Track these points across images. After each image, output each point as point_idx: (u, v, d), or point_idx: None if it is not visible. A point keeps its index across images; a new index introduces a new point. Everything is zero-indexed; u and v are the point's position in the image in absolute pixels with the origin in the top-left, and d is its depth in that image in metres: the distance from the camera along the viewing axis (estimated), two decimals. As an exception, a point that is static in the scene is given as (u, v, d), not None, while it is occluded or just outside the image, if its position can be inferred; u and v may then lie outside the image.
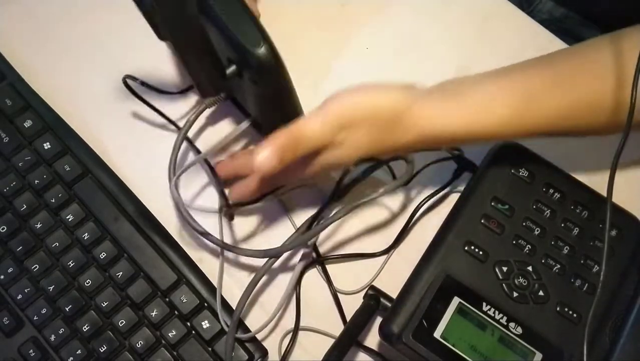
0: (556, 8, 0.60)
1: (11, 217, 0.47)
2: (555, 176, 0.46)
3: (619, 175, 0.40)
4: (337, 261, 0.48)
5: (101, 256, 0.46)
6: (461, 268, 0.42)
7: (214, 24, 0.41)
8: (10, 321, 0.45)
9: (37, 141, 0.49)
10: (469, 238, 0.43)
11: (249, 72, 0.41)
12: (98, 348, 0.44)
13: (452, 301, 0.41)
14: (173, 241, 0.47)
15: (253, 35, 0.40)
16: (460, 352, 0.40)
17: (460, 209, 0.45)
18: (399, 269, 0.45)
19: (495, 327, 0.41)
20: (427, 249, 0.44)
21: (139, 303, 0.45)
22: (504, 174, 0.45)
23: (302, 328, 0.46)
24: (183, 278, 0.46)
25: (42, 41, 0.55)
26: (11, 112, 0.50)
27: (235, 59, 0.42)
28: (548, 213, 0.44)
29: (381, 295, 0.44)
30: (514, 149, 0.47)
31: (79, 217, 0.47)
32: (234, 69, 0.42)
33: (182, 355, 0.44)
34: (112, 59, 0.54)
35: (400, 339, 0.40)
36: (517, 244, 0.43)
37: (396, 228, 0.48)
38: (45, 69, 0.53)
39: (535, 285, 0.42)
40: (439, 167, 0.50)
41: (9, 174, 0.48)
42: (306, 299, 0.46)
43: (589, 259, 0.43)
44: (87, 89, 0.53)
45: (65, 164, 0.49)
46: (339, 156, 0.42)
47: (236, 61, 0.42)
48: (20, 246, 0.46)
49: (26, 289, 0.45)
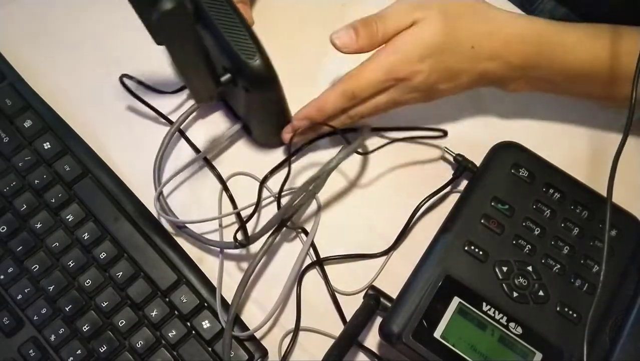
0: (557, 8, 0.60)
1: (11, 217, 0.47)
2: (555, 176, 0.46)
3: (619, 175, 0.40)
4: (337, 261, 0.48)
5: (101, 256, 0.46)
6: (461, 268, 0.42)
7: (210, 33, 0.41)
8: (10, 321, 0.45)
9: (37, 141, 0.49)
10: (469, 238, 0.43)
11: (244, 82, 0.42)
12: (98, 348, 0.44)
13: (452, 301, 0.41)
14: (173, 241, 0.47)
15: (249, 47, 0.41)
16: (460, 352, 0.40)
17: (460, 209, 0.45)
18: (399, 269, 0.45)
19: (495, 327, 0.41)
20: (427, 249, 0.44)
21: (139, 303, 0.45)
22: (504, 174, 0.45)
23: (303, 328, 0.46)
24: (183, 278, 0.46)
25: (42, 41, 0.55)
26: (11, 112, 0.50)
27: (230, 68, 0.42)
28: (548, 213, 0.44)
29: (381, 295, 0.44)
30: (514, 149, 0.47)
31: (79, 217, 0.47)
32: (229, 77, 0.42)
33: (182, 355, 0.44)
34: (112, 59, 0.54)
35: (400, 339, 0.40)
36: (517, 244, 0.43)
37: (396, 228, 0.48)
38: (45, 69, 0.53)
39: (535, 285, 0.42)
40: (439, 167, 0.50)
41: (9, 174, 0.48)
42: (307, 300, 0.46)
43: (589, 259, 0.43)
44: (87, 89, 0.53)
45: (65, 164, 0.49)
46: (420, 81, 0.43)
47: (231, 70, 0.42)
48: (20, 246, 0.46)
49: (26, 289, 0.45)
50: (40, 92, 0.51)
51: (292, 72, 0.54)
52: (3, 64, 0.52)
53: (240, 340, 0.44)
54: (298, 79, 0.49)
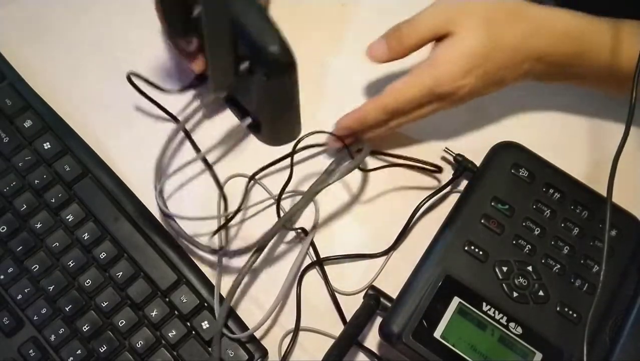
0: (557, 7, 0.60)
1: (11, 217, 0.47)
2: (555, 176, 0.46)
3: (619, 175, 0.40)
4: (337, 261, 0.48)
5: (101, 256, 0.46)
6: (461, 268, 0.42)
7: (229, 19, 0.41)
8: (10, 321, 0.45)
9: (37, 141, 0.49)
10: (469, 238, 0.43)
11: (264, 69, 0.41)
12: (98, 348, 0.44)
13: (452, 301, 0.41)
14: (173, 241, 0.47)
15: (269, 33, 0.40)
16: (460, 352, 0.40)
17: (460, 209, 0.45)
18: (399, 269, 0.45)
19: (495, 327, 0.41)
20: (427, 249, 0.44)
21: (139, 303, 0.45)
22: (504, 174, 0.45)
23: (303, 328, 0.46)
24: (183, 278, 0.46)
25: (43, 41, 0.55)
26: (11, 112, 0.50)
27: (249, 56, 0.42)
28: (548, 213, 0.44)
29: (381, 295, 0.44)
30: (514, 149, 0.47)
31: (79, 217, 0.47)
32: (247, 65, 0.42)
33: (182, 355, 0.44)
34: (112, 59, 0.54)
35: (400, 339, 0.40)
36: (517, 244, 0.43)
37: (396, 228, 0.48)
38: (45, 69, 0.53)
39: (535, 285, 0.42)
40: (439, 167, 0.51)
41: (9, 174, 0.48)
42: (306, 300, 0.46)
43: (589, 259, 0.43)
44: (87, 89, 0.53)
45: (65, 164, 0.49)
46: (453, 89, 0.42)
47: (250, 57, 0.42)
48: (20, 246, 0.46)
49: (26, 289, 0.45)
50: (40, 92, 0.51)
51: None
52: (3, 64, 0.52)
53: (240, 340, 0.44)
54: (298, 79, 0.49)
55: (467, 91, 0.43)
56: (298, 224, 0.48)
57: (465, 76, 0.42)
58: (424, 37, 0.43)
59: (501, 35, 0.42)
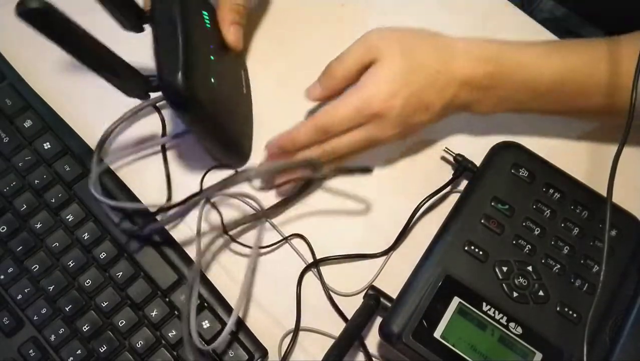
0: (557, 7, 0.60)
1: (11, 217, 0.47)
2: (555, 176, 0.46)
3: (619, 175, 0.40)
4: (337, 261, 0.48)
5: (101, 256, 0.46)
6: (461, 268, 0.42)
7: (153, 36, 0.40)
8: (10, 321, 0.45)
9: (37, 141, 0.49)
10: (469, 238, 0.43)
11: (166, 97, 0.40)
12: (98, 348, 0.44)
13: (452, 301, 0.41)
14: (173, 241, 0.47)
15: (174, 61, 0.37)
16: (460, 352, 0.40)
17: (460, 209, 0.45)
18: (399, 269, 0.45)
19: (495, 327, 0.41)
20: (427, 249, 0.44)
21: (139, 303, 0.45)
22: (504, 174, 0.46)
23: (303, 328, 0.46)
24: (183, 278, 0.46)
25: (42, 41, 0.55)
26: (11, 112, 0.50)
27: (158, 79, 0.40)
28: (548, 213, 0.44)
29: (381, 295, 0.44)
30: (514, 149, 0.47)
31: (79, 217, 0.47)
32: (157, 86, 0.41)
33: (182, 355, 0.44)
34: (112, 59, 0.54)
35: (400, 339, 0.40)
36: (517, 244, 0.43)
37: (396, 228, 0.48)
38: (45, 69, 0.53)
39: (535, 285, 0.42)
40: (439, 167, 0.50)
41: (9, 174, 0.48)
42: (307, 300, 0.46)
43: (589, 259, 0.43)
44: (87, 89, 0.53)
45: (65, 164, 0.49)
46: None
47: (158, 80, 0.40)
48: (20, 246, 0.46)
49: (26, 289, 0.45)
50: (40, 92, 0.51)
51: (292, 72, 0.54)
52: (3, 64, 0.52)
53: (240, 340, 0.44)
54: (298, 79, 0.49)
55: (397, 113, 0.43)
56: (295, 228, 0.48)
57: (392, 97, 0.43)
58: (352, 69, 0.45)
59: (420, 59, 0.44)
